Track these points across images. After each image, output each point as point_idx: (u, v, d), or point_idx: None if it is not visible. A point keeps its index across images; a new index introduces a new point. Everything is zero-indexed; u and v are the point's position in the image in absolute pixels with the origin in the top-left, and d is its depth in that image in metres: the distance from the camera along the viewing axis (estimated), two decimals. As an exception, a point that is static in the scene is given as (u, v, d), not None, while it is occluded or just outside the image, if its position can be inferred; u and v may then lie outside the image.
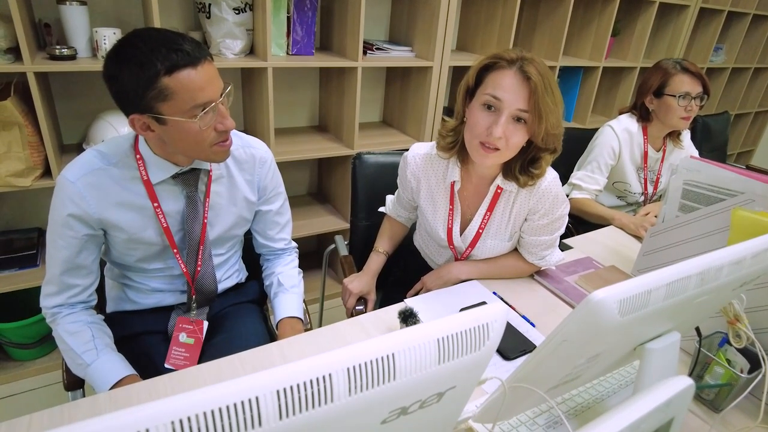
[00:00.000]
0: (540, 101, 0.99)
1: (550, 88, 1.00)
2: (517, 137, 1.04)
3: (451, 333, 0.44)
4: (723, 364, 0.91)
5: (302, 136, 2.30)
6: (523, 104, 1.01)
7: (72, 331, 1.03)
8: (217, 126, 0.97)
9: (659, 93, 1.76)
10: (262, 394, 0.35)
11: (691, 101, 1.71)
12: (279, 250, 1.32)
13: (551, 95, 1.00)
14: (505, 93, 1.01)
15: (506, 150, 1.05)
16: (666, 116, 1.77)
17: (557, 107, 1.02)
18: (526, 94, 1.00)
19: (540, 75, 0.99)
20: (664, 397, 0.40)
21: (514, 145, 1.05)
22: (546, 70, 1.02)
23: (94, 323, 1.07)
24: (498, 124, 1.02)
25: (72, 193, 0.98)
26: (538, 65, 1.01)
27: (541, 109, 0.99)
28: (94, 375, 1.00)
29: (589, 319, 0.52)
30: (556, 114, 1.02)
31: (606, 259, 1.45)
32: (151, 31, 0.92)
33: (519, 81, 1.00)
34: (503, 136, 1.02)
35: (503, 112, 1.02)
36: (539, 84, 0.98)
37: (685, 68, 1.72)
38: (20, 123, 1.49)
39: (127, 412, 0.32)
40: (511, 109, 1.01)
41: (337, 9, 2.12)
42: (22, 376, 1.85)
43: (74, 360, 1.03)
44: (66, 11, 1.58)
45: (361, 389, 0.39)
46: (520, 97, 1.00)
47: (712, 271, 0.60)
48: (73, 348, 1.02)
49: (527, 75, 0.99)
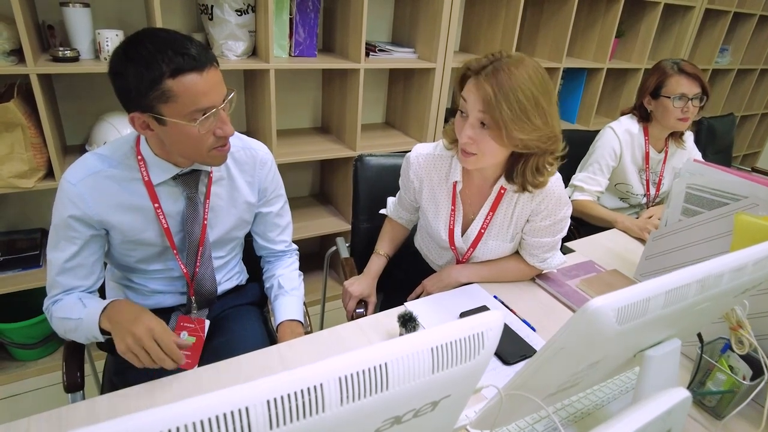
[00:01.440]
0: (493, 109, 0.99)
1: (513, 96, 0.98)
2: (486, 142, 1.04)
3: (446, 342, 0.43)
4: (725, 370, 0.90)
5: (304, 137, 2.30)
6: (480, 110, 1.01)
7: (61, 307, 1.03)
8: (217, 131, 0.97)
9: (656, 94, 1.75)
10: (252, 404, 0.35)
11: (688, 102, 1.70)
12: (279, 252, 1.32)
13: (513, 103, 0.98)
14: (468, 100, 1.03)
15: (482, 155, 1.06)
16: (663, 117, 1.76)
17: (525, 114, 0.99)
18: (481, 101, 1.01)
19: (498, 84, 0.98)
20: (661, 409, 0.39)
21: (487, 149, 1.05)
22: (516, 77, 0.99)
23: (83, 294, 1.07)
24: (464, 128, 1.04)
25: (72, 195, 0.99)
26: (507, 73, 0.99)
27: (496, 117, 0.99)
28: (88, 325, 0.99)
29: (586, 327, 0.51)
30: (522, 121, 0.99)
31: (608, 262, 1.44)
32: (160, 32, 0.92)
33: (476, 89, 1.01)
34: (470, 141, 1.05)
35: (468, 118, 1.04)
36: (491, 92, 0.98)
37: (683, 69, 1.71)
38: (23, 124, 1.50)
39: (114, 423, 0.31)
40: (473, 115, 1.03)
41: (339, 10, 2.12)
42: (24, 376, 1.86)
43: (71, 327, 1.02)
44: (69, 13, 1.58)
45: (353, 399, 0.39)
46: (477, 104, 1.01)
47: (713, 279, 0.60)
48: (64, 317, 1.02)
49: (481, 84, 1.00)
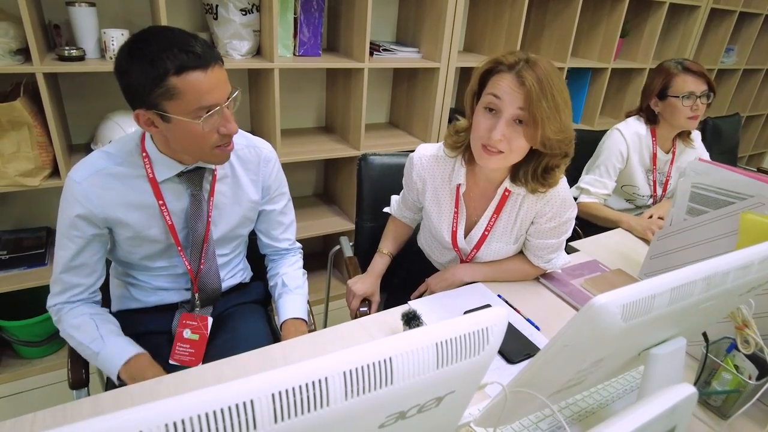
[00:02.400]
0: (534, 106, 0.98)
1: (549, 92, 0.98)
2: (519, 140, 1.03)
3: (450, 337, 0.43)
4: (731, 370, 0.90)
5: (308, 136, 2.30)
6: (520, 107, 1.00)
7: (76, 325, 1.05)
8: (221, 129, 0.98)
9: (663, 95, 1.74)
10: (257, 397, 0.35)
11: (696, 100, 1.69)
12: (283, 250, 1.32)
13: (549, 100, 0.98)
14: (504, 96, 1.01)
15: (510, 153, 1.05)
16: (672, 117, 1.75)
17: (558, 113, 1.00)
18: (522, 97, 1.00)
19: (538, 80, 0.98)
20: (666, 405, 0.39)
21: (518, 148, 1.04)
22: (548, 74, 1.00)
23: (96, 314, 1.08)
24: (497, 126, 1.02)
25: (77, 193, 1.00)
26: (541, 69, 0.99)
27: (536, 114, 0.98)
28: (104, 361, 1.03)
29: (591, 324, 0.51)
30: (556, 119, 1.00)
31: (613, 262, 1.43)
32: (165, 30, 0.93)
33: (516, 85, 1.00)
34: (503, 139, 1.02)
35: (503, 114, 1.02)
36: (533, 88, 0.98)
37: (687, 68, 1.70)
38: (29, 123, 1.51)
39: (119, 415, 0.32)
40: (510, 111, 1.01)
41: (343, 10, 2.12)
42: (29, 374, 1.87)
43: (84, 352, 1.06)
44: (75, 13, 1.59)
45: (358, 393, 0.39)
46: (516, 100, 1.00)
47: (719, 276, 0.59)
48: (80, 341, 1.05)
49: (522, 79, 0.99)
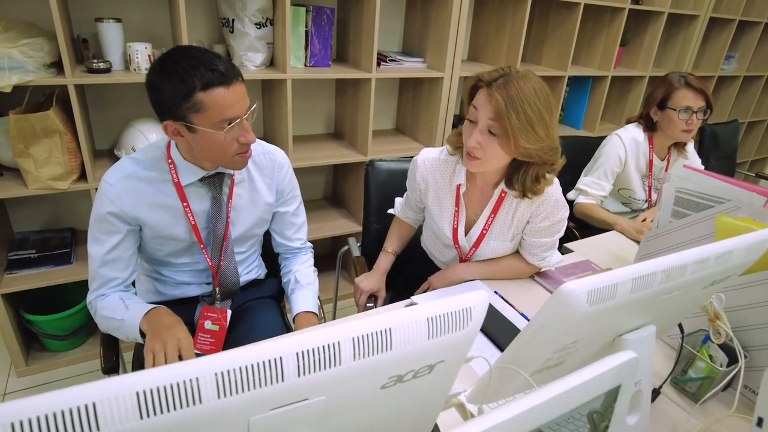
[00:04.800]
0: (503, 118, 1.08)
1: (520, 107, 1.07)
2: (494, 149, 1.13)
3: (439, 313, 0.53)
4: (704, 359, 0.99)
5: (318, 143, 2.41)
6: (491, 117, 1.11)
7: (105, 306, 1.14)
8: (240, 139, 1.08)
9: (663, 105, 1.83)
10: (285, 355, 0.45)
11: (693, 115, 1.78)
12: (296, 249, 1.42)
13: (520, 113, 1.07)
14: (480, 107, 1.13)
15: (486, 160, 1.15)
16: (668, 128, 1.84)
17: (530, 125, 1.08)
18: (492, 110, 1.10)
19: (508, 95, 1.07)
20: (610, 366, 0.49)
21: (493, 155, 1.14)
22: (522, 90, 1.08)
23: (126, 297, 1.17)
24: (473, 134, 1.13)
25: (110, 194, 1.10)
26: (514, 86, 1.08)
27: (505, 126, 1.09)
28: (129, 325, 1.10)
29: (561, 307, 0.61)
30: (528, 131, 1.08)
31: (605, 262, 1.52)
32: (192, 49, 1.03)
33: (488, 99, 1.11)
34: (478, 146, 1.13)
35: (477, 125, 1.13)
36: (501, 103, 1.07)
37: (689, 83, 1.79)
38: (60, 131, 1.62)
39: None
40: (483, 122, 1.12)
41: (352, 22, 2.23)
42: (55, 366, 1.98)
43: (112, 326, 1.13)
44: (103, 28, 1.71)
45: (363, 356, 0.49)
46: (488, 112, 1.11)
47: (677, 270, 0.68)
48: (108, 316, 1.13)
49: (493, 94, 1.09)
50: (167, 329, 1.04)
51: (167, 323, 1.06)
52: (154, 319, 1.08)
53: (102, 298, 1.16)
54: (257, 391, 0.42)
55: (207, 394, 0.40)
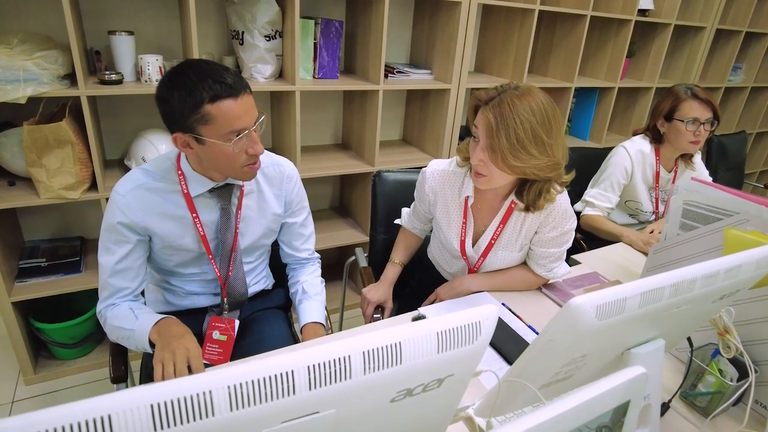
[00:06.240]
0: (493, 138, 1.10)
1: (511, 126, 1.07)
2: (494, 165, 1.14)
3: (449, 327, 0.53)
4: (714, 373, 0.98)
5: (326, 153, 2.42)
6: (486, 137, 1.12)
7: (115, 316, 1.15)
8: (248, 150, 1.09)
9: (670, 117, 1.83)
10: (296, 368, 0.45)
11: (700, 126, 1.78)
12: (303, 259, 1.43)
13: (510, 132, 1.07)
14: (479, 126, 1.14)
15: (491, 177, 1.16)
16: (676, 140, 1.84)
17: (521, 144, 1.08)
18: (485, 129, 1.12)
19: (500, 114, 1.08)
20: (619, 381, 0.49)
21: (495, 172, 1.15)
22: (515, 109, 1.07)
23: (135, 306, 1.17)
24: (475, 152, 1.15)
25: (121, 204, 1.11)
26: (507, 105, 1.08)
27: (494, 145, 1.10)
28: (139, 335, 1.11)
29: (570, 321, 0.61)
30: (519, 150, 1.08)
31: (612, 274, 1.51)
32: (201, 62, 1.05)
33: (483, 118, 1.12)
34: (481, 164, 1.15)
35: (479, 143, 1.15)
36: (493, 122, 1.09)
37: (696, 94, 1.79)
38: (73, 141, 1.65)
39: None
40: (482, 140, 1.14)
41: (360, 35, 2.25)
42: (64, 374, 1.99)
43: (123, 336, 1.13)
44: (116, 40, 1.74)
45: (374, 370, 0.49)
46: (483, 131, 1.12)
47: (685, 284, 0.68)
48: (118, 326, 1.13)
49: (486, 114, 1.11)
50: (176, 339, 1.04)
51: (176, 333, 1.07)
52: (163, 329, 1.09)
53: (112, 307, 1.17)
54: (269, 404, 0.43)
55: (219, 407, 0.40)
